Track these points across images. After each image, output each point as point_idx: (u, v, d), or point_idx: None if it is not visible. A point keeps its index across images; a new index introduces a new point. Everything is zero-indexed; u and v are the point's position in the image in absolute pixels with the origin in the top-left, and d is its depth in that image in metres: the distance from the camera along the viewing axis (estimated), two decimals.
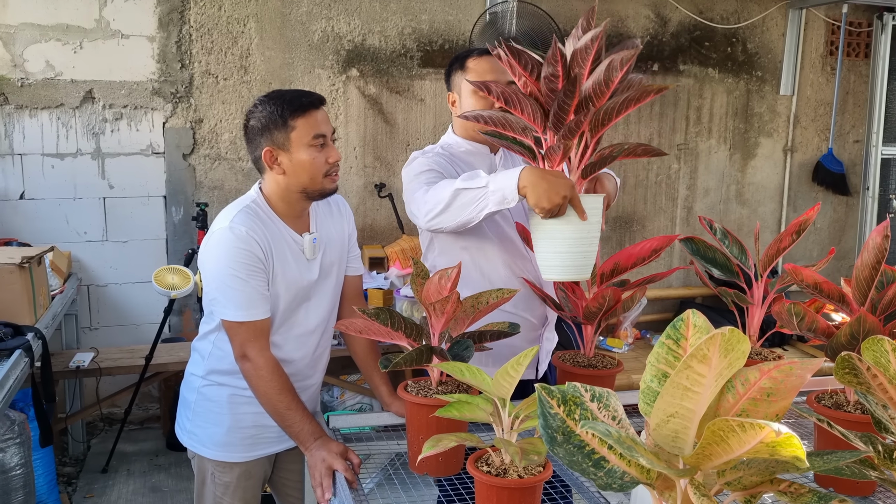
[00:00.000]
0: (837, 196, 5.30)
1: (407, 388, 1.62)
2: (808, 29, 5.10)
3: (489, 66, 2.10)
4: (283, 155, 1.84)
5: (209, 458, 1.97)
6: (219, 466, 1.97)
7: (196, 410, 2.00)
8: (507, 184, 1.68)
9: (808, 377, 0.97)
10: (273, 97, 1.85)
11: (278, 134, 1.82)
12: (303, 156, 1.83)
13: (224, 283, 1.82)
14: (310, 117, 1.82)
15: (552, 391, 1.02)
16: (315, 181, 1.86)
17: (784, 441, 0.83)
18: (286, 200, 1.90)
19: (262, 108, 1.84)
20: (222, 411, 1.95)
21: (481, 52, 2.14)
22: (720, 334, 0.90)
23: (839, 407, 1.58)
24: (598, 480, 0.98)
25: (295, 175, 1.85)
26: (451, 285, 1.59)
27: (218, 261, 1.83)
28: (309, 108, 1.83)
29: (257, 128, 1.84)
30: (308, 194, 1.89)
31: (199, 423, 1.99)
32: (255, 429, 1.95)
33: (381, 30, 4.35)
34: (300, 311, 1.95)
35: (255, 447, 1.98)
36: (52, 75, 3.90)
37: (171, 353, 3.72)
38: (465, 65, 2.13)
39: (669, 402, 0.95)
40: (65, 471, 3.71)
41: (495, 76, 2.07)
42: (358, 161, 4.41)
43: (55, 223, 3.98)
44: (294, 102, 1.82)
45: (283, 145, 1.83)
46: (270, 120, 1.82)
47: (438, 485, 1.89)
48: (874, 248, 1.57)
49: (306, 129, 1.82)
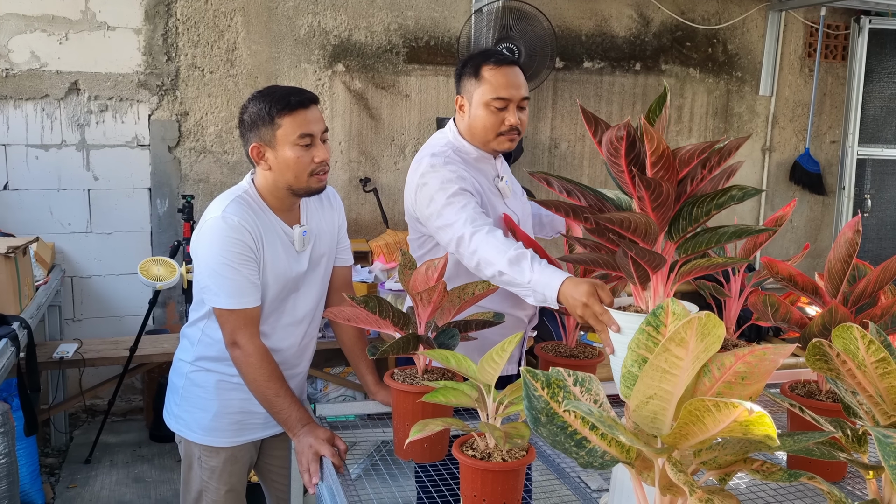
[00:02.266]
0: (814, 195, 5.40)
1: (393, 377, 1.66)
2: (788, 31, 5.19)
3: (506, 80, 2.04)
4: (269, 151, 1.87)
5: (196, 443, 2.00)
6: (206, 451, 2.00)
7: (184, 395, 2.03)
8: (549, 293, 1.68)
9: (780, 361, 1.01)
10: (264, 94, 1.88)
11: (265, 130, 1.85)
12: (288, 154, 1.85)
13: (216, 271, 1.85)
14: (297, 116, 1.84)
15: (537, 374, 1.06)
16: (300, 179, 1.88)
17: (756, 420, 0.88)
18: (275, 195, 1.93)
19: (252, 104, 1.87)
20: (210, 397, 1.99)
21: (499, 61, 2.06)
22: (697, 318, 0.95)
23: (811, 395, 1.64)
24: (579, 459, 1.02)
25: (280, 172, 1.88)
26: (438, 275, 1.63)
27: (210, 249, 1.85)
28: (297, 106, 1.84)
29: (247, 123, 1.88)
30: (294, 191, 1.92)
31: (187, 407, 2.02)
32: (242, 414, 1.98)
33: (367, 25, 4.38)
34: (289, 301, 1.99)
35: (242, 432, 2.01)
36: (37, 66, 3.89)
37: (156, 344, 3.73)
38: (480, 73, 2.06)
39: (648, 384, 0.99)
40: (48, 461, 3.71)
41: (510, 92, 2.03)
42: (343, 156, 4.44)
43: (39, 214, 3.97)
44: (282, 101, 1.84)
45: (269, 142, 1.86)
46: (259, 116, 1.85)
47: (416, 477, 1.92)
48: (846, 242, 1.62)
49: (293, 127, 1.84)
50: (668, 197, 1.31)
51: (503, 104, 2.03)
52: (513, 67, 2.07)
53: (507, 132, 2.07)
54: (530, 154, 4.76)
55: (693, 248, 1.40)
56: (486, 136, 2.08)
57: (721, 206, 1.36)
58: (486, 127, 2.06)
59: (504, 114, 2.04)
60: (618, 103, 4.88)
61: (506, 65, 2.05)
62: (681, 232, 1.38)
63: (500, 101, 2.03)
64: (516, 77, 2.06)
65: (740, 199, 1.36)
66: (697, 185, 1.37)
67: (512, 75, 2.05)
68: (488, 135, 2.07)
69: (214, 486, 2.01)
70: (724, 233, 1.40)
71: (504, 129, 2.06)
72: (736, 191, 1.36)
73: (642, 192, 1.30)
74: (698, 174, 1.36)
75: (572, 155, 4.88)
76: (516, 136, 2.10)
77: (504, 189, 2.16)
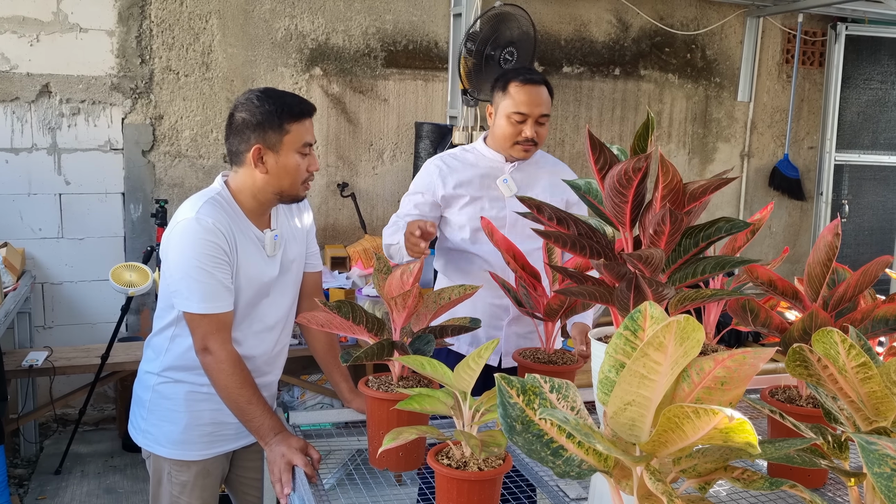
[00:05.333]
0: (792, 201, 5.43)
1: (368, 384, 1.62)
2: (765, 37, 5.22)
3: (526, 98, 2.31)
4: (270, 155, 1.83)
5: (165, 458, 1.93)
6: (175, 465, 1.93)
7: (151, 409, 1.95)
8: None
9: (760, 366, 0.99)
10: (272, 96, 1.84)
11: (272, 134, 1.81)
12: (290, 160, 1.84)
13: (188, 274, 1.79)
14: (303, 124, 1.85)
15: (512, 381, 1.03)
16: (294, 186, 1.87)
17: (737, 427, 0.85)
18: (257, 198, 1.88)
19: (259, 103, 1.82)
20: (179, 409, 1.92)
21: (526, 80, 2.32)
22: (675, 322, 0.92)
23: (792, 401, 1.62)
24: (556, 469, 0.99)
25: (277, 177, 1.85)
26: (413, 280, 1.60)
27: (183, 251, 1.79)
28: (306, 115, 1.86)
29: (251, 122, 1.82)
30: (281, 197, 1.89)
31: (155, 421, 1.95)
32: (214, 426, 1.92)
33: (345, 29, 4.34)
34: (260, 307, 1.94)
35: (214, 444, 1.95)
36: (6, 68, 3.81)
37: (128, 352, 3.66)
38: (508, 88, 2.34)
39: (626, 390, 0.96)
40: (16, 472, 3.62)
41: (530, 108, 2.31)
42: (320, 160, 4.39)
43: (9, 219, 3.89)
44: (294, 108, 1.84)
45: (273, 146, 1.82)
46: (266, 119, 1.81)
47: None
48: (825, 246, 1.61)
49: (299, 135, 1.84)
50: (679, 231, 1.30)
51: (522, 118, 2.31)
52: (538, 86, 2.33)
53: (522, 142, 2.33)
54: None
55: (680, 280, 1.38)
56: (505, 143, 2.36)
57: (709, 238, 1.35)
58: (505, 136, 2.34)
59: (522, 126, 2.32)
60: (597, 108, 4.88)
61: (531, 84, 2.32)
62: (670, 264, 1.37)
63: (519, 115, 2.30)
64: (538, 95, 2.32)
65: (728, 231, 1.36)
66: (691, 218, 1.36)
67: (534, 93, 2.31)
68: (506, 143, 2.35)
69: (186, 500, 1.94)
70: (707, 264, 1.39)
71: (520, 139, 2.33)
72: (723, 222, 1.35)
73: (663, 227, 1.27)
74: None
75: None
76: (532, 147, 2.36)
77: (503, 188, 2.38)
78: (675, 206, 1.30)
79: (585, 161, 4.93)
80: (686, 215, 1.31)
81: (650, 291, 1.30)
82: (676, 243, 1.37)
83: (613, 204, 1.34)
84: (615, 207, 1.34)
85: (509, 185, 2.37)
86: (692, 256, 1.41)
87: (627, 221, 1.36)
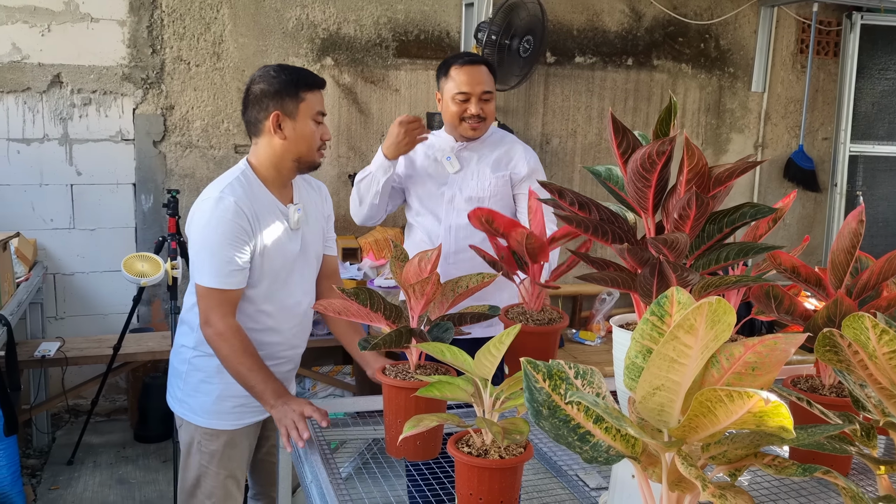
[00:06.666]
0: (806, 192, 5.38)
1: (385, 372, 1.60)
2: (780, 27, 5.16)
3: (467, 78, 2.48)
4: (288, 122, 1.97)
5: (197, 426, 2.04)
6: (206, 434, 2.04)
7: (187, 380, 2.07)
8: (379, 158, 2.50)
9: (791, 352, 0.97)
10: (287, 68, 2.01)
11: (289, 102, 1.96)
12: (307, 127, 1.98)
13: (204, 248, 1.90)
14: (317, 94, 2.01)
15: (538, 366, 1.01)
16: (311, 152, 2.01)
17: (772, 410, 0.83)
18: (277, 168, 2.01)
19: (276, 74, 1.97)
20: (211, 381, 2.03)
21: (464, 62, 2.51)
22: (707, 304, 0.90)
23: (814, 390, 1.60)
24: (583, 454, 0.97)
25: (295, 143, 1.98)
26: (431, 267, 1.58)
27: (204, 228, 1.91)
28: (318, 86, 2.02)
29: (269, 91, 1.96)
30: (299, 164, 2.02)
31: (190, 392, 2.06)
32: (244, 398, 2.00)
33: (356, 18, 4.32)
34: (288, 280, 2.04)
35: (243, 416, 2.05)
36: (18, 58, 3.80)
37: (140, 343, 3.66)
38: (449, 72, 2.51)
39: (655, 375, 0.94)
40: (29, 462, 3.63)
41: (471, 87, 2.47)
42: (331, 151, 4.38)
43: (20, 209, 3.88)
44: (308, 78, 2.01)
45: (291, 113, 1.96)
46: (283, 87, 1.96)
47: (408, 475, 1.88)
48: (849, 233, 1.58)
49: (313, 103, 1.99)
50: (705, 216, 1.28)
51: (465, 97, 2.48)
52: (478, 66, 2.51)
53: (469, 119, 2.50)
54: None
55: (704, 266, 1.37)
56: (454, 123, 2.53)
57: (733, 223, 1.33)
58: (453, 116, 2.52)
59: (466, 105, 2.48)
60: (609, 99, 4.84)
61: (470, 64, 2.50)
62: (693, 250, 1.35)
63: (462, 94, 2.48)
64: (479, 74, 2.50)
65: (753, 217, 1.34)
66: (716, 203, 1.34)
67: (475, 72, 2.48)
68: (455, 122, 2.53)
69: (214, 470, 2.04)
70: (731, 250, 1.37)
71: (466, 116, 2.50)
72: (748, 208, 1.33)
73: (688, 211, 1.25)
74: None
75: (563, 151, 4.83)
76: (479, 123, 2.51)
77: (447, 165, 2.59)
78: (700, 190, 1.28)
79: (597, 152, 4.90)
80: (711, 199, 1.29)
81: (675, 277, 1.28)
82: (700, 229, 1.34)
83: (636, 188, 1.32)
84: (638, 192, 1.32)
85: (452, 162, 2.57)
86: (716, 242, 1.39)
87: (650, 206, 1.34)
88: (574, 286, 4.88)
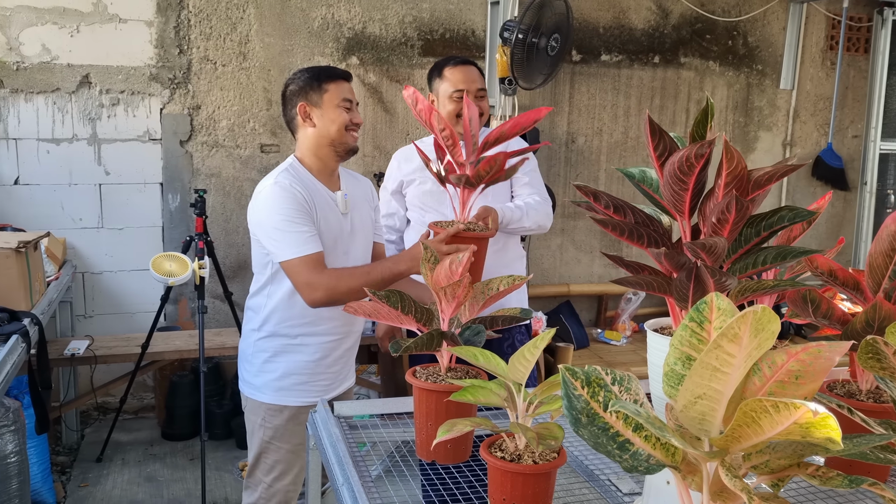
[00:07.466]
0: (836, 191, 5.30)
1: (416, 374, 1.60)
2: (809, 23, 5.10)
3: (462, 77, 2.57)
4: (315, 111, 2.16)
5: (262, 402, 2.19)
6: (270, 410, 2.19)
7: (252, 361, 2.23)
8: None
9: (836, 360, 0.95)
10: (310, 69, 2.23)
11: (313, 94, 2.16)
12: (332, 112, 2.15)
13: (277, 228, 2.05)
14: (340, 84, 2.18)
15: (576, 372, 1.00)
16: (341, 133, 2.16)
17: (819, 422, 0.81)
18: (318, 155, 2.18)
19: (300, 74, 2.20)
20: (277, 359, 2.19)
21: (457, 62, 2.60)
22: (752, 312, 0.88)
23: (852, 395, 1.57)
24: (623, 463, 0.96)
25: (325, 126, 2.15)
26: (462, 270, 1.57)
27: (270, 211, 2.06)
28: (341, 77, 2.19)
29: (295, 90, 2.18)
30: (335, 148, 2.17)
31: (256, 372, 2.22)
32: (307, 376, 2.18)
33: (381, 17, 4.32)
34: (342, 261, 2.17)
35: (307, 393, 2.19)
36: (48, 59, 3.85)
37: (167, 341, 3.68)
38: (443, 73, 2.60)
39: (697, 383, 0.92)
40: (59, 460, 3.67)
41: (467, 84, 2.55)
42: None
43: (50, 209, 3.93)
44: (330, 70, 2.21)
45: (316, 103, 2.16)
46: (307, 82, 2.17)
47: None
48: (888, 235, 1.55)
49: (337, 92, 2.16)
50: (743, 219, 1.26)
51: (461, 95, 2.53)
52: (469, 66, 2.60)
53: None
54: (546, 148, 4.68)
55: (741, 270, 1.34)
56: (450, 120, 2.54)
57: (771, 227, 1.30)
58: (450, 115, 2.56)
59: (461, 103, 2.51)
60: (636, 97, 4.80)
61: (462, 64, 2.59)
62: (731, 254, 1.33)
63: (458, 92, 2.55)
64: (472, 73, 2.60)
65: (791, 220, 1.31)
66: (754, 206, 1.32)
67: (468, 71, 2.58)
68: (452, 121, 2.55)
69: (276, 445, 2.18)
70: (768, 254, 1.35)
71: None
72: (786, 211, 1.30)
73: (727, 215, 1.23)
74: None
75: (589, 150, 4.80)
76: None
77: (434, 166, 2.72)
78: (739, 193, 1.26)
79: (623, 150, 4.86)
80: (750, 203, 1.27)
81: (712, 282, 1.26)
82: (738, 233, 1.32)
83: (672, 192, 1.30)
84: (674, 195, 1.30)
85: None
86: (753, 246, 1.37)
87: (686, 210, 1.32)
88: (599, 286, 4.85)
